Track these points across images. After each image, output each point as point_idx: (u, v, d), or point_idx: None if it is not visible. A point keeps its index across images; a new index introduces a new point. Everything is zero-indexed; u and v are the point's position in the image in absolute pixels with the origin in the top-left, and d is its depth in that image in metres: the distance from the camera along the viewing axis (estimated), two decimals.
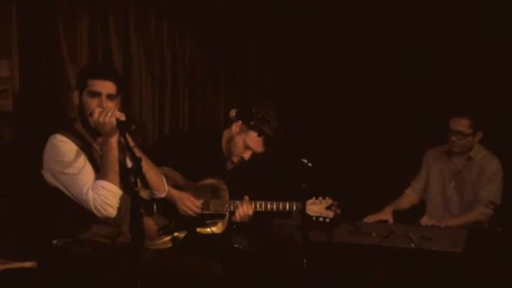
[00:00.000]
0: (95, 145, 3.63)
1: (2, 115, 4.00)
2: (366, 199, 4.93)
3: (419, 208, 4.98)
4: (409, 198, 5.03)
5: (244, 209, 4.21)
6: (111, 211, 3.47)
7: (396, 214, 4.79)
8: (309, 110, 5.77)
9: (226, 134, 4.41)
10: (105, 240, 3.61)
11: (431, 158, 5.00)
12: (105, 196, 3.43)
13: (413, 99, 5.62)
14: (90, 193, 3.43)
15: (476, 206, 4.70)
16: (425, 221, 4.55)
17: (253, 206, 4.23)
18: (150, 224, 4.15)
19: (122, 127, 3.42)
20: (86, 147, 3.57)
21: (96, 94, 3.56)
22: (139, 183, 3.22)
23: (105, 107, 3.49)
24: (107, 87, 3.58)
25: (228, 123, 4.40)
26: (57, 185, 3.52)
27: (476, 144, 4.79)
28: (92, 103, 3.54)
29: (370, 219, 4.66)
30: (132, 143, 3.39)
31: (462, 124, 4.70)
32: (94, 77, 3.59)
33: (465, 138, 4.73)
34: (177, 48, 5.06)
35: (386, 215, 4.76)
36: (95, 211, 3.44)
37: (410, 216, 4.77)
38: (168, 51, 4.99)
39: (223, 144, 4.41)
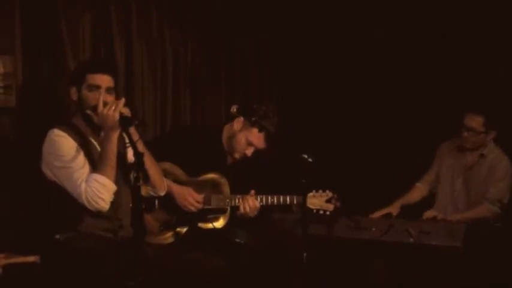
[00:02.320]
0: (92, 140, 3.65)
1: (5, 110, 4.04)
2: (366, 194, 4.96)
3: (423, 203, 4.98)
4: (418, 191, 5.02)
5: (250, 203, 4.23)
6: (103, 205, 3.49)
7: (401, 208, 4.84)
8: (309, 108, 5.80)
9: (227, 130, 4.42)
10: (107, 234, 3.62)
11: (445, 150, 4.98)
12: (97, 189, 3.45)
13: (414, 94, 5.63)
14: (83, 185, 3.45)
15: (483, 203, 4.69)
16: (428, 214, 4.59)
17: None
18: (151, 219, 4.16)
19: (125, 122, 3.44)
20: (83, 142, 3.60)
21: (96, 88, 3.58)
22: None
23: (108, 101, 3.52)
24: (105, 80, 3.61)
25: (229, 118, 4.43)
26: (55, 179, 3.55)
27: (490, 142, 4.77)
28: (92, 97, 3.57)
29: (378, 214, 4.70)
30: (136, 137, 3.42)
31: (476, 121, 4.67)
32: (92, 71, 3.61)
33: (477, 136, 4.70)
34: (178, 47, 5.10)
35: (394, 209, 4.78)
36: (86, 204, 3.46)
37: (413, 211, 4.80)
38: (170, 50, 5.03)
39: (224, 140, 4.42)
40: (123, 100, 3.51)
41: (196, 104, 5.32)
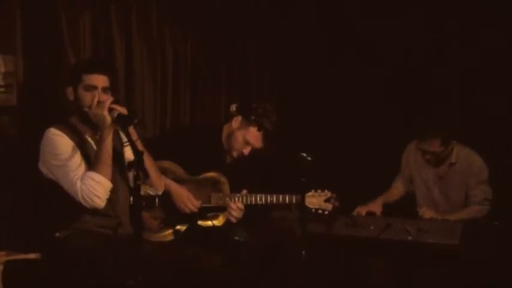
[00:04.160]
0: (89, 139, 3.68)
1: (6, 109, 4.05)
2: (365, 192, 4.99)
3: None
4: (396, 190, 5.10)
5: (233, 206, 4.27)
6: (99, 202, 3.52)
7: (395, 207, 4.85)
8: (308, 107, 5.82)
9: (226, 129, 4.44)
10: (107, 232, 3.66)
11: (412, 157, 5.02)
12: (92, 187, 3.48)
13: (410, 94, 5.67)
14: (79, 183, 3.48)
15: (471, 206, 4.74)
16: (424, 212, 4.62)
17: (253, 199, 4.28)
18: (151, 217, 4.18)
19: (124, 121, 3.46)
20: (80, 141, 3.63)
21: (93, 88, 3.61)
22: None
23: (102, 100, 3.55)
24: (102, 80, 3.65)
25: (228, 118, 4.45)
26: (52, 177, 3.58)
27: (454, 148, 4.79)
28: (89, 97, 3.59)
29: (361, 210, 4.76)
30: (135, 137, 3.44)
31: (433, 145, 4.70)
32: (89, 71, 3.64)
33: (439, 155, 4.75)
34: (178, 47, 5.12)
35: (376, 206, 4.83)
36: (82, 201, 3.49)
37: (408, 209, 4.83)
38: (170, 50, 5.05)
39: (223, 139, 4.44)
40: (110, 99, 3.55)
41: (196, 104, 5.33)
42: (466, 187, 4.78)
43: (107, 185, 3.54)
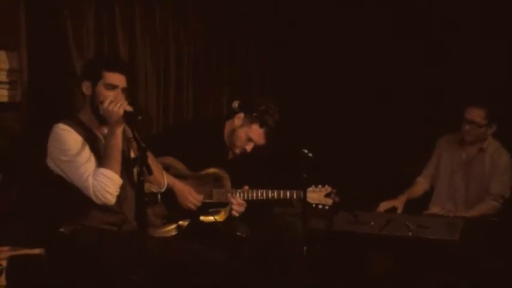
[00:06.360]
0: (98, 135, 3.70)
1: (11, 106, 4.08)
2: (365, 188, 5.01)
3: (423, 198, 5.04)
4: (421, 186, 5.05)
5: (235, 201, 4.29)
6: (110, 198, 3.53)
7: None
8: (310, 103, 5.83)
9: (228, 125, 4.45)
10: (111, 228, 3.68)
11: (444, 144, 5.00)
12: (104, 183, 3.50)
13: (416, 89, 5.64)
14: (90, 180, 3.50)
15: (486, 199, 4.71)
16: (432, 210, 4.64)
17: (255, 194, 4.30)
18: (154, 213, 4.19)
19: (128, 117, 3.50)
20: (89, 137, 3.64)
21: (113, 87, 3.63)
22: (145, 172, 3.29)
23: (119, 100, 3.56)
24: (122, 81, 3.68)
25: (230, 114, 4.47)
26: (60, 173, 3.59)
27: (489, 136, 4.77)
28: (109, 95, 3.60)
29: (384, 206, 4.75)
30: (137, 134, 3.47)
31: (478, 114, 4.67)
32: (111, 70, 3.66)
33: (479, 129, 4.71)
34: (181, 43, 5.14)
35: (399, 202, 4.81)
36: (94, 198, 3.51)
37: (413, 206, 4.85)
38: (173, 47, 5.07)
39: (226, 135, 4.45)
40: (126, 101, 3.57)
41: (199, 101, 5.35)
42: (488, 180, 4.75)
43: (118, 181, 3.56)
